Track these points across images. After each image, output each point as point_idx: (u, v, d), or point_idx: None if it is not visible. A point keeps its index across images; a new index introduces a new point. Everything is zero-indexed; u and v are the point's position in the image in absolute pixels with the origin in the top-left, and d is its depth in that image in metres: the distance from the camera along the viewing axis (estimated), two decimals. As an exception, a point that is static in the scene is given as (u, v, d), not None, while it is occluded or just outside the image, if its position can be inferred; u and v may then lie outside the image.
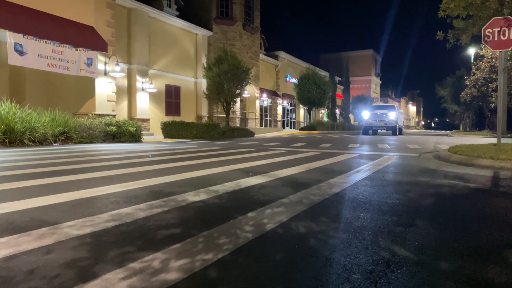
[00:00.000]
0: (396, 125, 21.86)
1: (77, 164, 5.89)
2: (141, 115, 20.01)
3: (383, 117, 21.91)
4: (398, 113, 22.95)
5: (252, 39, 29.06)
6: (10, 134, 9.96)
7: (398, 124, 22.56)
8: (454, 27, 9.26)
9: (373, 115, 22.46)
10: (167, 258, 1.80)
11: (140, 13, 19.98)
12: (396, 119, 21.98)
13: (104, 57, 14.65)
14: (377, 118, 22.16)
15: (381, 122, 21.89)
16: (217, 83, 20.60)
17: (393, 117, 21.76)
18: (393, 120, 21.64)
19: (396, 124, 21.93)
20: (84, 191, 3.52)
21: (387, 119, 21.72)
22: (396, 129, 22.07)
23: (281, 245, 2.05)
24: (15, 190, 3.58)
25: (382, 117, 21.95)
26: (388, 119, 21.71)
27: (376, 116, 22.29)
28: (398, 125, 22.58)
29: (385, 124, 21.77)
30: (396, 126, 21.96)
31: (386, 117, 21.80)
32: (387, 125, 21.84)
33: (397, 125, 22.05)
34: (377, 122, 22.09)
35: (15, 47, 11.24)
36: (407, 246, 2.06)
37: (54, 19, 12.76)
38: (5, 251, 1.88)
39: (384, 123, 21.77)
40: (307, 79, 33.62)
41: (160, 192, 3.55)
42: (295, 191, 3.61)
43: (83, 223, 2.41)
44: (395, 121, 21.76)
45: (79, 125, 12.19)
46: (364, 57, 61.46)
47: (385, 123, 21.74)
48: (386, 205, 3.13)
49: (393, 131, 22.35)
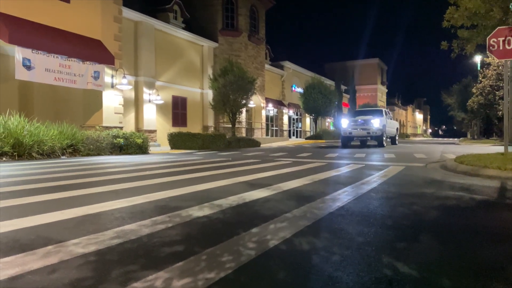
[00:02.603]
0: (382, 133, 17.47)
1: (84, 178, 5.94)
2: (148, 126, 20.15)
3: (365, 125, 17.51)
4: (386, 119, 18.73)
5: (258, 50, 29.24)
6: (18, 147, 10.07)
7: (386, 132, 18.51)
8: (458, 37, 9.26)
9: (352, 123, 18.12)
10: (170, 277, 1.81)
11: (147, 26, 20.23)
12: (383, 127, 17.60)
13: (111, 70, 14.83)
14: (358, 126, 17.79)
15: (363, 131, 17.53)
16: (223, 93, 20.72)
17: (378, 124, 17.30)
18: (378, 128, 17.19)
19: (383, 133, 17.59)
20: (90, 206, 3.55)
21: (371, 126, 17.27)
22: (382, 139, 17.55)
23: (284, 262, 2.06)
24: (22, 206, 3.62)
25: (364, 124, 17.57)
26: (371, 127, 17.26)
27: (356, 124, 17.93)
28: (386, 133, 18.58)
29: (368, 133, 17.38)
30: (383, 135, 17.58)
31: (369, 125, 17.37)
32: (371, 134, 17.42)
33: (383, 133, 17.66)
34: (357, 131, 17.73)
35: (23, 62, 11.42)
36: (410, 263, 2.05)
37: (62, 33, 12.97)
38: (11, 270, 1.90)
39: (367, 131, 17.38)
40: (313, 88, 33.69)
41: (165, 207, 3.57)
42: (299, 205, 3.62)
43: (88, 240, 2.44)
44: (381, 129, 17.31)
45: (86, 138, 12.30)
46: (370, 66, 61.51)
47: (368, 131, 17.34)
48: (390, 219, 3.12)
49: (379, 142, 17.63)
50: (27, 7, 11.98)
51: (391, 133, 19.87)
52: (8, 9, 11.42)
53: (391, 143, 20.50)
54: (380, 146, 17.42)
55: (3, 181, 5.56)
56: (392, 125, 20.38)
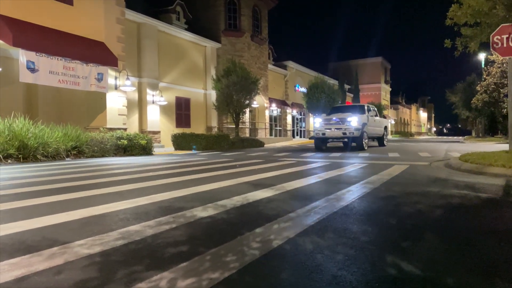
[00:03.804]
0: (362, 134, 14.54)
1: (88, 180, 5.97)
2: (152, 127, 20.20)
3: (341, 124, 14.67)
4: (367, 116, 15.59)
5: (260, 50, 29.25)
6: (23, 150, 10.13)
7: (369, 131, 15.71)
8: (462, 34, 9.22)
9: (326, 122, 15.17)
10: (174, 278, 1.82)
11: (150, 27, 20.28)
12: (362, 126, 14.65)
13: (115, 71, 14.88)
14: (332, 125, 14.86)
15: (338, 131, 14.62)
16: (226, 94, 20.74)
17: (356, 122, 14.43)
18: (356, 128, 14.35)
19: (362, 133, 14.61)
20: (94, 208, 3.57)
21: (347, 125, 14.46)
22: (361, 140, 14.54)
23: (288, 262, 2.06)
24: (28, 208, 3.64)
25: (339, 123, 14.70)
26: (348, 126, 14.43)
27: (330, 123, 15.00)
28: (369, 133, 15.76)
29: (344, 133, 14.48)
30: (362, 136, 14.58)
31: (344, 123, 14.55)
32: (347, 135, 14.49)
33: (363, 134, 14.68)
34: (331, 132, 14.79)
35: (27, 65, 11.49)
36: (414, 262, 2.05)
37: (66, 36, 13.03)
38: (17, 272, 1.92)
39: (342, 132, 14.50)
40: (316, 88, 33.62)
41: (169, 207, 3.59)
42: (303, 205, 3.62)
43: (93, 241, 2.45)
44: (359, 128, 14.43)
45: (90, 140, 12.35)
46: (373, 64, 61.39)
47: (344, 132, 14.46)
48: (394, 218, 3.12)
49: (357, 144, 14.60)
50: (31, 9, 12.05)
51: (376, 133, 17.05)
52: (11, 12, 11.49)
53: (379, 144, 18.00)
54: (359, 148, 14.48)
55: (9, 183, 5.60)
56: (378, 123, 17.31)
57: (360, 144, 14.58)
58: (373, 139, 17.53)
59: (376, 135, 17.33)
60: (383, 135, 17.99)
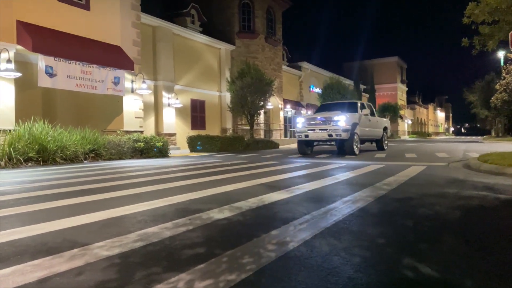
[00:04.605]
0: (351, 136, 12.29)
1: (106, 182, 6.06)
2: (168, 130, 20.39)
3: (326, 124, 12.48)
4: (360, 115, 13.22)
5: (275, 51, 29.26)
6: (43, 153, 10.34)
7: (362, 133, 13.18)
8: (479, 33, 9.08)
9: (309, 122, 13.02)
10: (192, 279, 1.85)
11: (165, 31, 20.49)
12: (351, 126, 12.35)
13: (131, 75, 15.08)
14: (316, 126, 12.73)
15: (323, 133, 12.48)
16: (241, 96, 20.81)
17: (344, 122, 12.15)
18: (344, 128, 12.07)
19: (353, 135, 12.34)
20: (113, 210, 3.63)
21: (334, 126, 12.22)
22: (351, 144, 12.28)
23: (304, 264, 2.07)
24: (49, 210, 3.73)
25: (325, 123, 12.53)
26: (335, 126, 12.20)
27: (313, 123, 12.85)
28: (362, 135, 13.20)
29: (330, 135, 12.30)
30: (352, 138, 12.29)
31: (331, 124, 12.34)
32: (333, 137, 12.33)
33: (353, 136, 12.36)
34: (315, 133, 12.67)
35: (46, 70, 11.73)
36: (432, 264, 2.04)
37: (83, 40, 13.26)
38: (39, 273, 1.97)
39: (327, 133, 12.33)
40: (331, 89, 33.42)
41: (185, 209, 3.62)
42: (319, 207, 3.61)
43: (112, 243, 2.50)
44: (347, 129, 12.16)
45: (108, 142, 12.53)
46: (389, 64, 60.74)
47: (330, 133, 12.28)
48: (411, 220, 3.09)
49: (347, 147, 12.38)
50: (49, 15, 12.30)
51: (372, 135, 14.55)
52: (30, 19, 11.75)
53: (377, 147, 15.52)
54: (349, 153, 12.33)
55: (30, 186, 5.73)
56: (375, 123, 14.69)
57: (349, 148, 12.29)
58: (371, 142, 15.68)
59: (373, 137, 14.81)
60: (382, 137, 15.41)
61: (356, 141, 12.60)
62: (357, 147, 12.71)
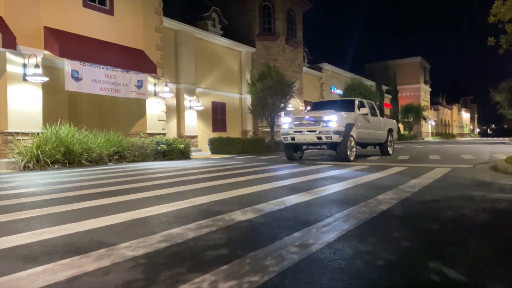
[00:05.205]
0: (344, 139, 10.43)
1: (131, 184, 6.17)
2: (189, 132, 20.59)
3: (316, 125, 10.70)
4: (356, 115, 11.44)
5: (295, 53, 29.19)
6: (69, 155, 10.60)
7: (359, 136, 11.35)
8: (506, 31, 8.82)
9: (296, 122, 11.20)
10: (216, 280, 1.87)
11: (186, 34, 20.73)
12: (345, 127, 10.52)
13: (154, 78, 15.30)
14: (303, 127, 10.95)
15: (311, 135, 10.66)
16: (261, 98, 20.84)
17: (336, 122, 10.39)
18: (336, 131, 10.28)
19: (346, 138, 10.49)
20: (137, 211, 3.70)
21: (324, 128, 10.47)
22: (344, 148, 10.47)
23: (327, 267, 2.06)
24: (76, 211, 3.83)
25: (314, 124, 10.76)
26: (324, 129, 10.42)
27: (301, 124, 11.07)
28: (359, 137, 11.35)
29: (319, 138, 10.47)
30: (346, 143, 10.46)
31: (320, 125, 10.57)
32: (322, 140, 10.47)
33: (348, 139, 10.53)
34: (302, 135, 10.85)
35: (72, 74, 12.03)
36: (458, 268, 2.00)
37: (107, 45, 13.55)
38: (68, 272, 2.03)
39: (316, 136, 10.51)
40: (353, 90, 33.13)
41: (208, 211, 3.66)
42: (341, 209, 3.59)
43: (137, 244, 2.55)
44: (339, 131, 10.33)
45: (131, 145, 12.76)
46: (412, 64, 59.71)
47: (319, 136, 10.46)
48: (436, 223, 3.04)
49: (339, 153, 10.63)
50: (75, 21, 12.62)
51: (374, 138, 12.68)
52: (57, 25, 12.08)
53: (381, 152, 13.51)
54: (343, 159, 10.60)
55: (57, 187, 5.89)
56: (377, 125, 12.80)
57: (342, 153, 10.51)
58: (374, 146, 13.79)
59: (374, 140, 12.82)
60: (386, 141, 13.33)
61: (350, 145, 10.74)
62: (353, 152, 10.86)
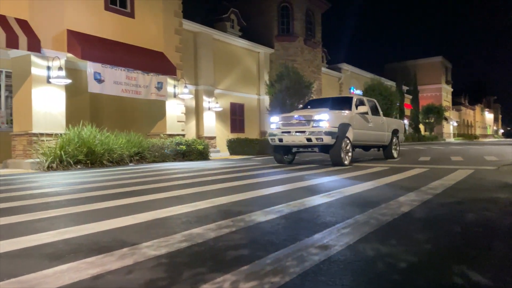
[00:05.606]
0: (337, 141, 9.41)
1: (151, 184, 6.26)
2: (208, 133, 20.73)
3: (305, 125, 9.70)
4: (354, 114, 10.36)
5: (314, 54, 29.07)
6: (91, 156, 10.81)
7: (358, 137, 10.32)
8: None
9: (284, 122, 10.21)
10: (237, 280, 1.88)
11: (205, 36, 20.89)
12: (339, 128, 9.51)
13: (173, 80, 15.47)
14: (292, 127, 9.94)
15: (300, 136, 9.63)
16: (280, 99, 20.83)
17: (327, 122, 9.35)
18: (328, 131, 9.25)
19: (341, 140, 9.46)
20: (158, 211, 3.75)
21: (314, 128, 9.45)
22: (337, 151, 9.40)
23: (349, 269, 2.05)
24: (99, 211, 3.90)
25: (304, 124, 9.75)
26: (315, 129, 9.41)
27: (289, 124, 10.06)
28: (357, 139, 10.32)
29: (309, 139, 9.41)
30: (340, 145, 9.40)
31: (310, 125, 9.57)
32: (312, 142, 9.42)
33: (342, 141, 9.47)
34: (290, 136, 9.81)
35: (94, 76, 12.27)
36: (483, 272, 1.96)
37: (128, 47, 13.76)
38: (92, 270, 2.07)
39: (306, 137, 9.47)
40: (372, 90, 32.77)
41: (228, 211, 3.68)
42: (362, 211, 3.56)
43: (159, 243, 2.58)
44: (332, 132, 9.29)
45: (152, 146, 12.94)
46: (433, 64, 58.67)
47: (308, 137, 9.43)
48: (460, 226, 2.98)
49: (332, 156, 9.58)
50: (96, 24, 12.86)
51: (375, 140, 11.52)
52: (79, 28, 12.33)
53: (385, 155, 12.31)
54: (336, 164, 9.50)
55: (80, 187, 6.02)
56: (379, 125, 11.63)
57: (336, 157, 9.45)
58: (378, 149, 12.48)
59: (375, 142, 11.64)
60: (390, 143, 12.17)
61: (346, 147, 9.66)
62: (348, 156, 9.77)
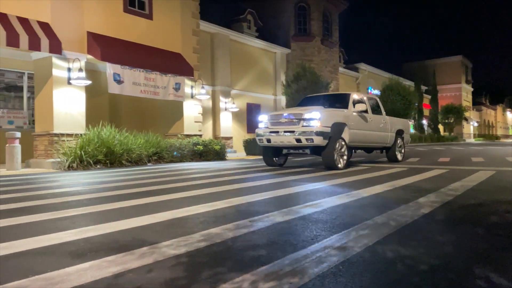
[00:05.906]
0: (329, 142, 8.61)
1: (169, 184, 6.32)
2: (225, 133, 20.82)
3: (295, 124, 8.85)
4: (351, 113, 9.54)
5: (331, 53, 28.90)
6: (110, 155, 10.98)
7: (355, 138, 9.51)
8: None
9: (272, 121, 9.42)
10: (256, 280, 1.89)
11: (222, 37, 20.99)
12: (331, 128, 8.69)
13: (191, 81, 15.59)
14: (281, 126, 9.11)
15: (288, 136, 8.82)
16: (296, 99, 20.77)
17: (319, 122, 8.51)
18: (318, 131, 8.40)
19: (334, 141, 8.67)
20: (176, 211, 3.78)
21: (304, 127, 8.62)
22: (330, 153, 8.60)
23: (368, 270, 2.03)
24: (118, 210, 3.96)
25: (294, 123, 8.90)
26: (305, 129, 8.58)
27: (278, 123, 9.25)
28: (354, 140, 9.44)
29: (298, 140, 8.61)
30: (333, 146, 8.63)
31: (300, 124, 8.74)
32: (302, 143, 8.60)
33: (335, 142, 8.68)
34: (278, 136, 9.02)
35: (114, 77, 12.47)
36: (508, 275, 1.92)
37: (146, 49, 13.94)
38: (113, 268, 2.11)
39: (295, 137, 8.66)
40: (391, 90, 32.36)
41: (245, 211, 3.69)
42: (381, 212, 3.53)
43: (178, 242, 2.61)
44: (326, 132, 8.50)
45: (169, 146, 13.07)
46: (453, 64, 57.62)
47: (297, 138, 8.60)
48: (481, 228, 2.93)
49: (325, 159, 8.79)
50: (115, 26, 13.06)
51: (375, 141, 10.53)
52: (99, 29, 12.54)
53: (388, 158, 11.40)
54: (329, 167, 8.77)
55: (100, 187, 6.12)
56: (380, 125, 10.67)
57: (328, 160, 8.68)
58: (381, 151, 11.50)
59: (376, 144, 10.68)
60: (394, 144, 11.20)
61: (340, 149, 8.91)
62: (343, 159, 9.02)
